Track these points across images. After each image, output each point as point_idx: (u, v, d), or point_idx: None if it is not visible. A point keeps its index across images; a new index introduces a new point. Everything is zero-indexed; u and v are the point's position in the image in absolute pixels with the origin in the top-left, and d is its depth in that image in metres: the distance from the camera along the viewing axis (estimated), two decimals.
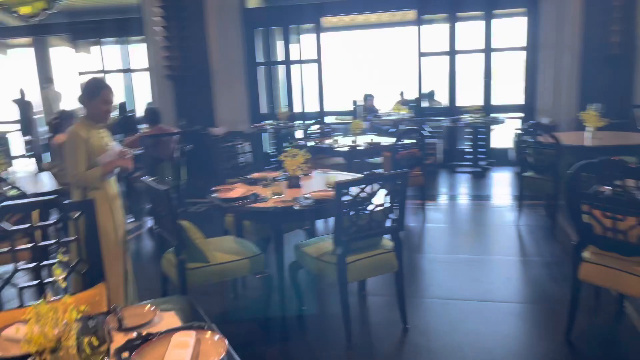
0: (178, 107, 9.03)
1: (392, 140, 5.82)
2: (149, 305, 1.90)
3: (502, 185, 7.37)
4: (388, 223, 3.11)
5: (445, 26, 8.34)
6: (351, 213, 2.93)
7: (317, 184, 3.83)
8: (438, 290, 3.89)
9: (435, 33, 8.49)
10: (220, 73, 8.90)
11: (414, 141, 5.59)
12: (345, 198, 2.93)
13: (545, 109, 7.85)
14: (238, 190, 3.61)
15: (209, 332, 1.63)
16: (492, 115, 8.17)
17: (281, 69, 9.52)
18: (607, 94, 7.16)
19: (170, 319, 1.82)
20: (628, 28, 7.17)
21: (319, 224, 5.12)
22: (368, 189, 2.94)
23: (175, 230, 3.06)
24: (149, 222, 6.03)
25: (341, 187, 2.86)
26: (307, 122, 8.84)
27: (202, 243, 3.18)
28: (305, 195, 3.34)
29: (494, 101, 8.46)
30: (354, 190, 2.93)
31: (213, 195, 3.60)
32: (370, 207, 2.96)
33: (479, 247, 4.91)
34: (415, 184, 5.54)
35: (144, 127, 6.37)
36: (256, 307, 3.51)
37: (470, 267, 4.31)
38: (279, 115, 8.81)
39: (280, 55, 9.52)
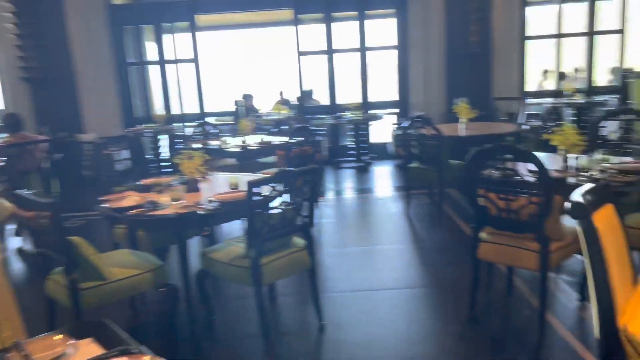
0: (38, 113, 8.12)
1: (282, 139, 5.79)
2: (58, 335, 1.64)
3: (385, 177, 7.72)
4: (299, 221, 3.06)
5: (322, 26, 8.52)
6: (263, 213, 2.82)
7: (217, 186, 3.64)
8: (344, 283, 3.93)
9: (313, 32, 8.64)
10: (86, 74, 8.19)
11: (305, 139, 5.61)
12: (256, 197, 2.81)
13: (417, 104, 8.36)
14: (131, 199, 3.31)
15: (144, 356, 1.44)
16: (371, 111, 8.52)
17: (156, 70, 9.00)
18: (470, 89, 7.82)
19: (88, 348, 1.58)
20: (484, 28, 7.93)
21: (217, 228, 4.91)
22: (279, 187, 2.86)
23: (65, 247, 2.71)
24: (14, 243, 5.33)
25: (253, 186, 2.74)
26: (187, 124, 8.48)
27: (96, 259, 2.86)
28: (209, 199, 3.16)
29: (371, 98, 8.84)
30: (265, 189, 2.83)
31: (103, 205, 3.25)
32: (282, 206, 2.88)
33: (375, 238, 5.07)
34: None
35: (3, 136, 5.60)
36: (162, 322, 3.25)
37: (370, 258, 4.43)
38: (156, 118, 8.34)
39: (153, 55, 8.99)
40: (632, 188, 3.07)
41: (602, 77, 8.98)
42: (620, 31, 8.37)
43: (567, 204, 1.65)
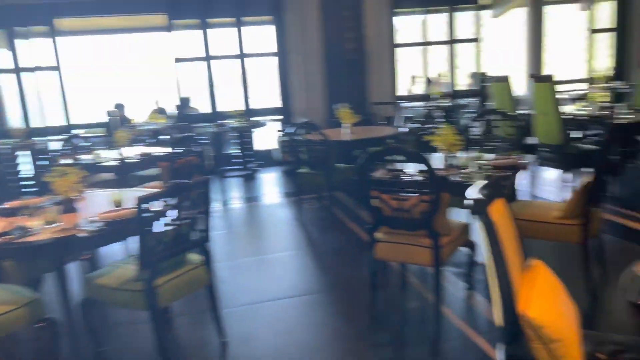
0: None
1: (163, 150, 5.50)
2: None
3: (273, 184, 7.68)
4: (194, 236, 2.90)
5: (199, 32, 8.28)
6: (156, 230, 2.62)
7: (96, 204, 3.32)
8: (242, 296, 3.81)
9: (190, 39, 8.34)
10: None
11: (188, 149, 5.38)
12: (146, 214, 2.60)
13: (300, 110, 8.46)
14: None
15: None
16: (254, 118, 8.43)
17: (10, 78, 8.05)
18: (349, 94, 8.09)
19: None
20: (358, 36, 8.26)
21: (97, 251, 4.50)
22: (172, 201, 2.68)
23: None
24: None
25: (143, 202, 2.53)
26: (51, 137, 7.71)
27: None
28: (90, 219, 2.87)
29: (254, 105, 8.77)
30: (156, 204, 2.63)
31: None
32: (177, 221, 2.70)
33: (268, 246, 4.99)
34: None
35: None
36: None
37: (267, 268, 4.36)
38: (12, 132, 7.48)
39: (7, 63, 8.03)
40: (506, 182, 3.36)
41: (463, 81, 9.83)
42: (476, 40, 9.27)
43: (467, 201, 1.73)
